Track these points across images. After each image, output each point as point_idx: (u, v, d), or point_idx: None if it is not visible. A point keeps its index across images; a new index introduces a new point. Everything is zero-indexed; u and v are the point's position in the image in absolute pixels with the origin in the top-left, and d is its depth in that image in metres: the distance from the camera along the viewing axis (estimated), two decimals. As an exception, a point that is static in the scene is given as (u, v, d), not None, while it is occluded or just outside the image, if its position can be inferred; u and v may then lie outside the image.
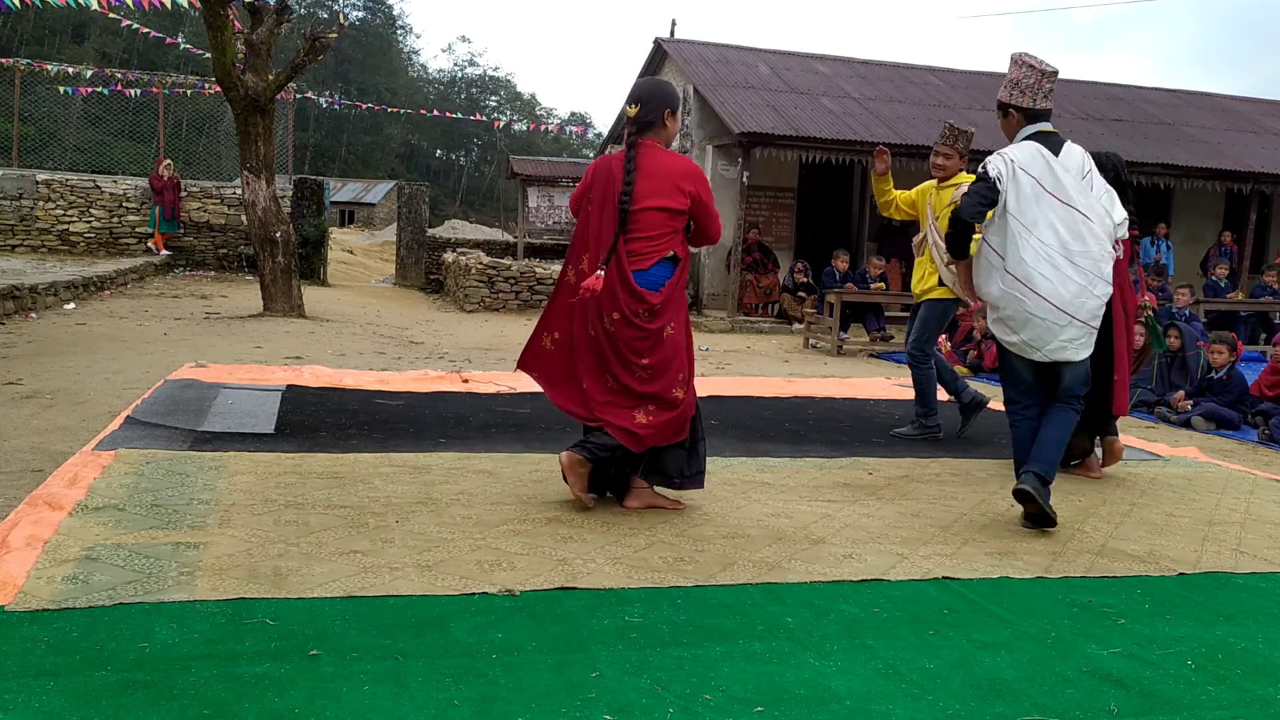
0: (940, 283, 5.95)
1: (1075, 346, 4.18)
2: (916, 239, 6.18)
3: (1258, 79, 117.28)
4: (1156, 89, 20.13)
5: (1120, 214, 4.32)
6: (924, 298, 6.07)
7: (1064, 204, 4.13)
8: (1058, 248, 4.10)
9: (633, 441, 3.86)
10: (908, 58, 30.70)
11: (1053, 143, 4.22)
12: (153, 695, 2.25)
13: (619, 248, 3.83)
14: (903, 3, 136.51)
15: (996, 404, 5.98)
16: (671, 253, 3.93)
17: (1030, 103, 4.23)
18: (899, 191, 6.18)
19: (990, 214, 4.22)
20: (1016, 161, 4.16)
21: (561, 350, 3.99)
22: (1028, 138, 4.25)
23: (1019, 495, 4.02)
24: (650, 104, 3.93)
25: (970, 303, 4.60)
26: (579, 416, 3.98)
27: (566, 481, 3.97)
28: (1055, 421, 4.27)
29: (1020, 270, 4.11)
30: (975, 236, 4.39)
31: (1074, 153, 4.26)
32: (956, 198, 4.81)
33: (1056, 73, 4.28)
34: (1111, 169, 5.02)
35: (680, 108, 3.94)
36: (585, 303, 3.86)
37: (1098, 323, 4.23)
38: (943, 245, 5.68)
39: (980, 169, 4.25)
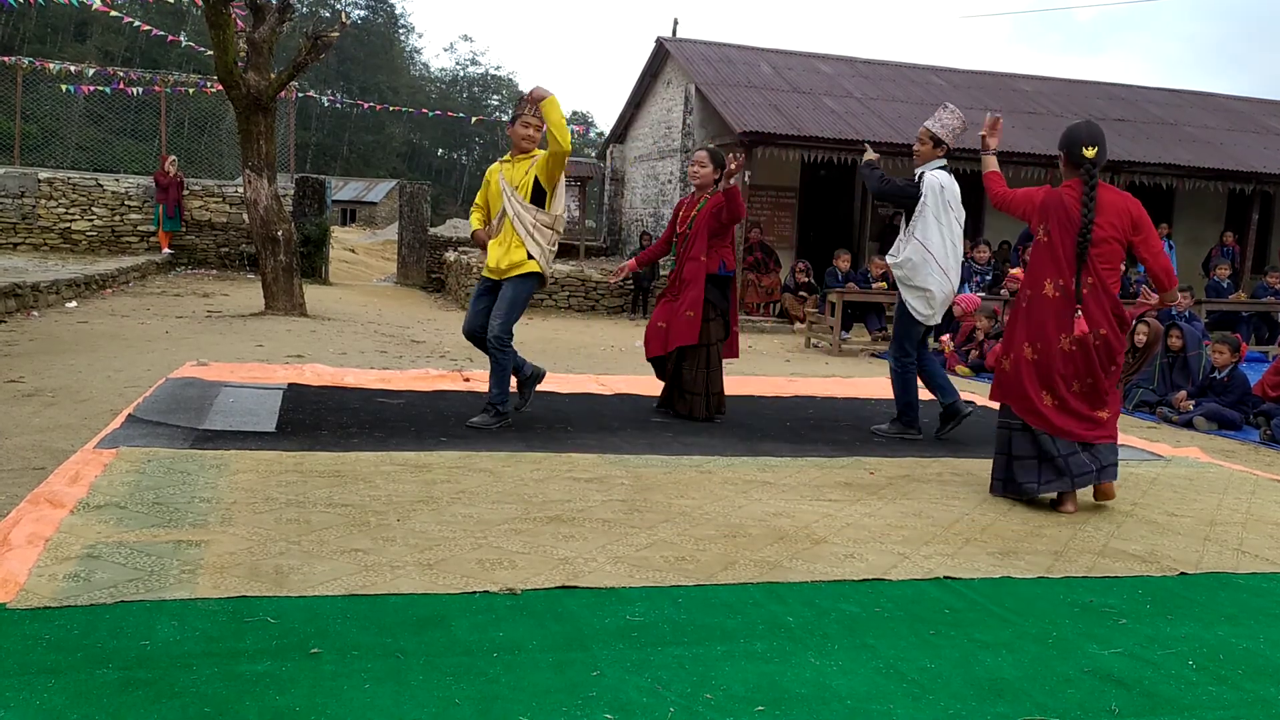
0: (529, 256, 5.48)
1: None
2: (495, 219, 5.63)
3: (1258, 79, 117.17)
4: (1158, 89, 20.09)
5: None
6: (511, 274, 5.52)
7: (955, 218, 5.77)
8: (954, 249, 5.79)
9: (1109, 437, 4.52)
10: (909, 57, 30.66)
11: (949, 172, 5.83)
12: (154, 693, 2.26)
13: (1096, 278, 4.34)
14: (904, 3, 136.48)
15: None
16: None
17: (954, 143, 5.80)
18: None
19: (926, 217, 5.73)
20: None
21: (1043, 359, 4.42)
22: (941, 167, 5.81)
23: (958, 411, 6.10)
24: (1105, 146, 4.43)
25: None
26: (1076, 437, 4.43)
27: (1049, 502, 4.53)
28: (935, 362, 6.24)
29: (950, 265, 5.76)
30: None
31: (954, 181, 5.84)
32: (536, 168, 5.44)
33: (966, 127, 5.88)
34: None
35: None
36: (1060, 318, 4.38)
37: None
38: (528, 218, 5.45)
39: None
